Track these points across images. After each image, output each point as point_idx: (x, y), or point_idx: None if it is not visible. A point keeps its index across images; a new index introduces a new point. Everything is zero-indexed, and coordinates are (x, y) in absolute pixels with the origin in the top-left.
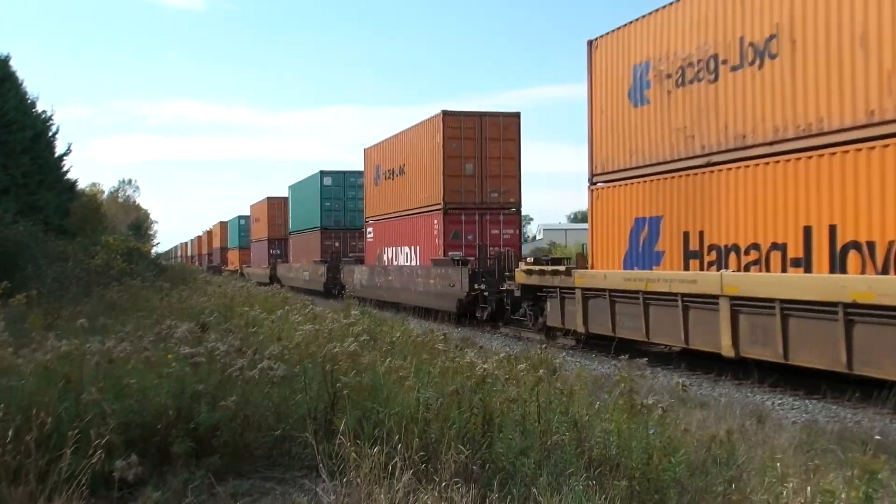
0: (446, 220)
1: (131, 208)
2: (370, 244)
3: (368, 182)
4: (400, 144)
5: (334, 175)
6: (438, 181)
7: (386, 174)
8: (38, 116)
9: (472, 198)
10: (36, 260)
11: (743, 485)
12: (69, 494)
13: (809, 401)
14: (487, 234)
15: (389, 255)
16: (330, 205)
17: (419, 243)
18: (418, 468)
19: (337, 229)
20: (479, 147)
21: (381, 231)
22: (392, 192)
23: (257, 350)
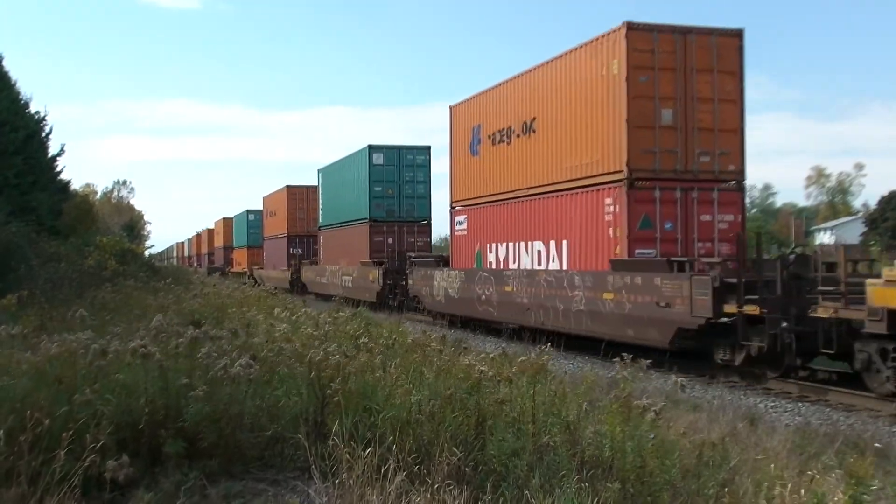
0: (632, 199)
1: (125, 209)
2: (461, 240)
3: (458, 153)
4: (524, 90)
5: (387, 151)
6: (616, 137)
7: (494, 137)
8: (32, 117)
9: (670, 163)
10: (28, 261)
11: (735, 487)
12: (61, 496)
13: (802, 404)
14: (695, 219)
15: (501, 254)
16: (381, 190)
17: (567, 236)
18: (411, 470)
19: (391, 222)
20: (681, 83)
21: (484, 220)
22: (508, 163)
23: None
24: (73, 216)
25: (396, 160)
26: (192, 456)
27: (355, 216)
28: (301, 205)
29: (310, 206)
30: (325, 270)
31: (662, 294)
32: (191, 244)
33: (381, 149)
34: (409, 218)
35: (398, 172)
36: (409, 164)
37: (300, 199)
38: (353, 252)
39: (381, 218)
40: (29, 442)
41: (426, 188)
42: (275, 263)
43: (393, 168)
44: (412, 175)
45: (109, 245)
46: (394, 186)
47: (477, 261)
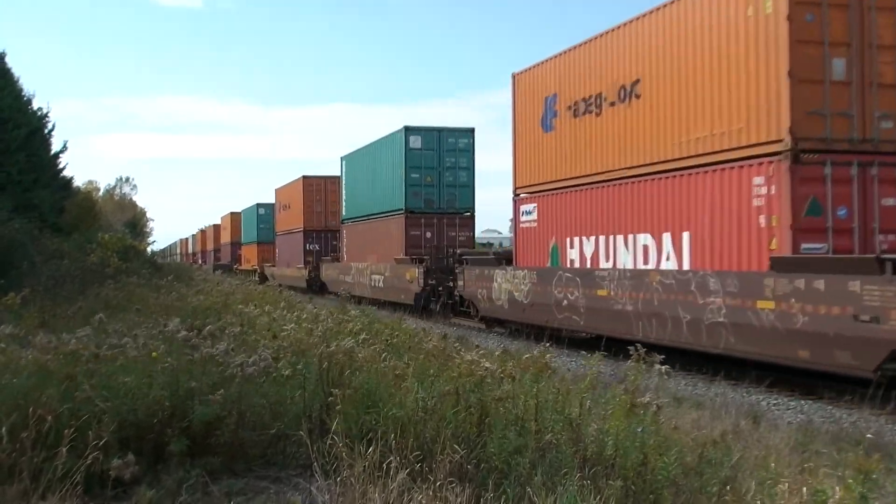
0: (796, 178)
1: (127, 206)
2: (529, 233)
3: (524, 129)
4: (621, 46)
5: (425, 134)
6: (770, 96)
7: (576, 108)
8: (34, 114)
9: (844, 129)
10: (31, 258)
11: (738, 485)
12: (63, 493)
13: (805, 401)
14: (875, 204)
15: (587, 249)
16: (419, 177)
17: (689, 226)
18: (413, 467)
19: (429, 213)
20: (856, 24)
21: (561, 209)
22: (597, 138)
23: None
24: (76, 213)
25: (436, 144)
26: (194, 453)
27: (388, 207)
28: (319, 196)
29: (328, 198)
30: (350, 268)
31: (864, 304)
32: (195, 240)
33: (418, 131)
34: (450, 209)
35: (438, 158)
36: (450, 148)
37: (318, 191)
38: (384, 248)
39: (418, 209)
40: (31, 439)
41: (469, 175)
42: (289, 261)
43: (432, 153)
44: (454, 160)
45: (112, 242)
46: (433, 173)
47: (552, 258)
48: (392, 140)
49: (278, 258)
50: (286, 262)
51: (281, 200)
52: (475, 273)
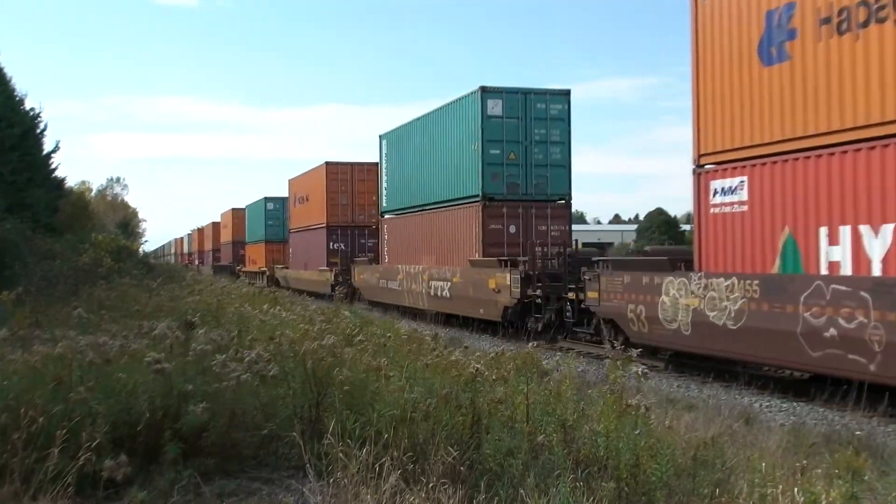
0: None
1: (119, 206)
2: (729, 222)
3: (725, 65)
4: None
5: (508, 97)
6: None
7: (840, 20)
8: (27, 113)
9: None
10: (24, 258)
11: (731, 487)
12: (55, 494)
13: (797, 403)
14: None
15: (870, 246)
16: (499, 154)
17: None
18: (406, 469)
19: (513, 201)
20: None
21: (803, 183)
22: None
23: (240, 348)
24: (69, 213)
25: (521, 109)
26: (187, 454)
27: (455, 194)
28: (344, 187)
29: (355, 189)
30: (396, 273)
31: None
32: (191, 240)
33: (498, 93)
34: (539, 196)
35: (524, 128)
36: (539, 115)
37: (343, 180)
38: (449, 246)
39: (499, 196)
40: (23, 440)
41: (564, 152)
42: (306, 262)
43: (516, 122)
44: (544, 132)
45: (105, 242)
46: (517, 149)
47: (784, 259)
48: (461, 106)
49: (292, 259)
50: (302, 264)
51: (296, 192)
52: (624, 282)
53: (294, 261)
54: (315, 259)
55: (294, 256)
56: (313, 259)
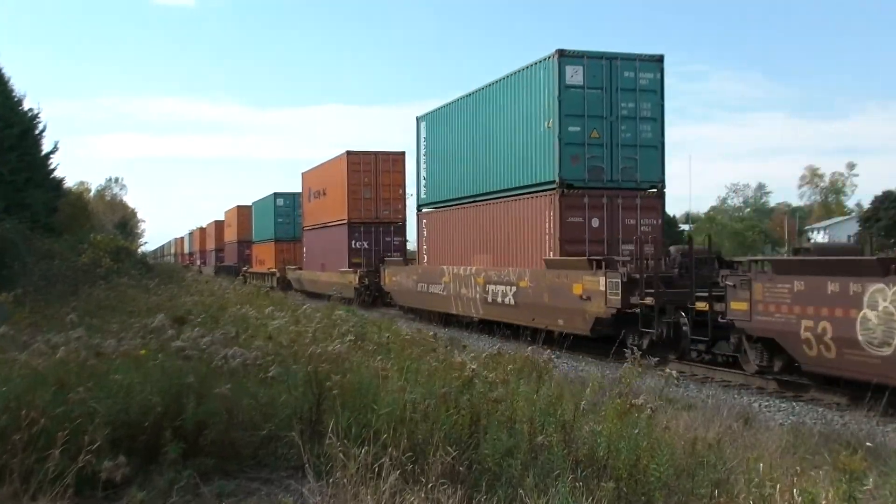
0: None
1: (118, 206)
2: None
3: None
4: None
5: (591, 63)
6: None
7: None
8: (25, 114)
9: None
10: (23, 258)
11: (730, 487)
12: (54, 494)
13: (797, 403)
14: None
15: None
16: (580, 132)
17: None
18: (405, 469)
19: (597, 189)
20: None
21: None
22: None
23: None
24: (68, 214)
25: (605, 78)
26: (186, 455)
27: (522, 181)
28: (368, 179)
29: (380, 181)
30: (440, 274)
31: None
32: (192, 239)
33: (579, 58)
34: (627, 182)
35: (609, 101)
36: (627, 85)
37: (366, 171)
38: (511, 244)
39: (579, 182)
40: (23, 441)
41: (657, 130)
42: (324, 262)
43: (599, 93)
44: (632, 106)
45: (104, 243)
46: (601, 126)
47: None
48: (531, 76)
49: (307, 259)
50: (319, 265)
51: (312, 186)
52: (795, 290)
53: (309, 261)
54: (334, 259)
55: (309, 256)
56: (332, 259)
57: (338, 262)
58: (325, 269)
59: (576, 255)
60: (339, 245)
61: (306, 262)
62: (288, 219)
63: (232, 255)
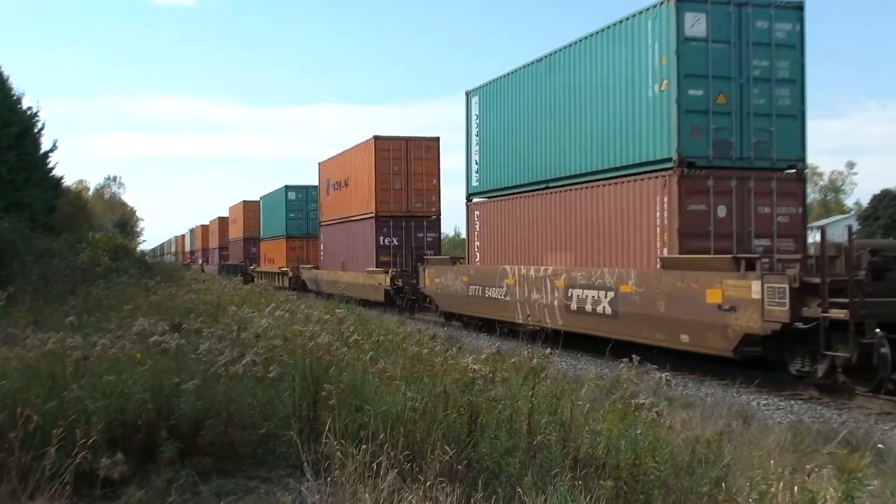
0: None
1: (117, 205)
2: None
3: None
4: None
5: (715, 8)
6: None
7: None
8: (24, 113)
9: None
10: (21, 257)
11: (729, 485)
12: (52, 493)
13: (795, 401)
14: None
15: None
16: (703, 96)
17: None
18: (403, 467)
19: (724, 168)
20: None
21: None
22: None
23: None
24: (67, 213)
25: (735, 31)
26: (184, 454)
27: (620, 160)
28: (398, 167)
29: (411, 170)
30: (501, 276)
31: None
32: (193, 237)
33: (702, 3)
34: (760, 161)
35: (738, 58)
36: (760, 39)
37: (396, 159)
38: (604, 238)
39: (701, 159)
40: (19, 439)
41: (796, 95)
42: (346, 261)
43: (725, 48)
44: (767, 64)
45: (102, 242)
46: (728, 89)
47: None
48: (637, 26)
49: (324, 257)
50: (339, 264)
51: (331, 177)
52: None
53: (327, 260)
54: (358, 257)
55: (327, 254)
56: (356, 258)
57: (363, 261)
58: (346, 269)
59: (698, 252)
60: (364, 242)
61: (324, 261)
62: (300, 214)
63: (237, 254)
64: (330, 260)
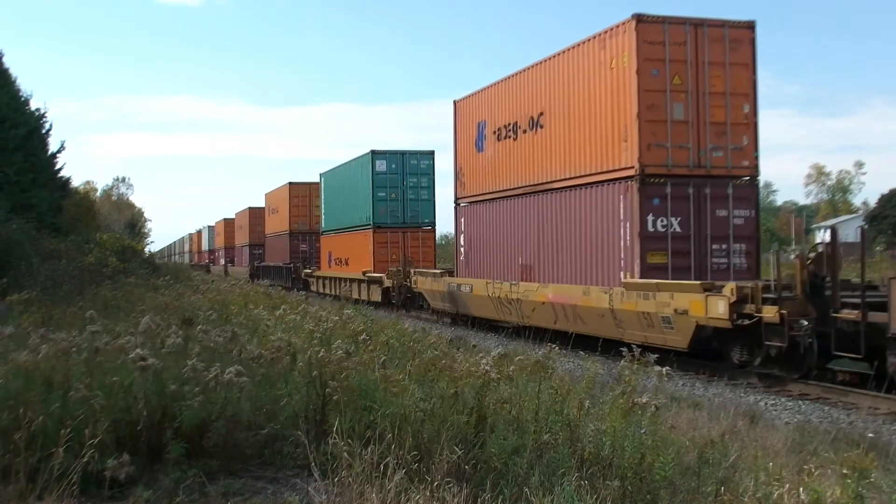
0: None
1: (125, 206)
2: None
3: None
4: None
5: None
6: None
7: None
8: (32, 114)
9: None
10: (29, 258)
11: (735, 485)
12: (60, 493)
13: (803, 402)
14: None
15: None
16: None
17: None
18: (410, 468)
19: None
20: None
21: None
22: None
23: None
24: (74, 214)
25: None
26: (191, 454)
27: None
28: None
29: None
30: None
31: None
32: (213, 234)
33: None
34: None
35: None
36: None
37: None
38: None
39: None
40: (26, 440)
41: None
42: (537, 265)
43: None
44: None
45: (110, 242)
46: None
47: None
48: None
49: (472, 261)
50: (517, 270)
51: (495, 118)
52: None
53: (476, 263)
54: (587, 258)
55: (476, 253)
56: (582, 258)
57: (603, 265)
58: (530, 279)
59: None
60: (603, 226)
61: (470, 264)
62: (396, 192)
63: (279, 252)
64: (482, 262)
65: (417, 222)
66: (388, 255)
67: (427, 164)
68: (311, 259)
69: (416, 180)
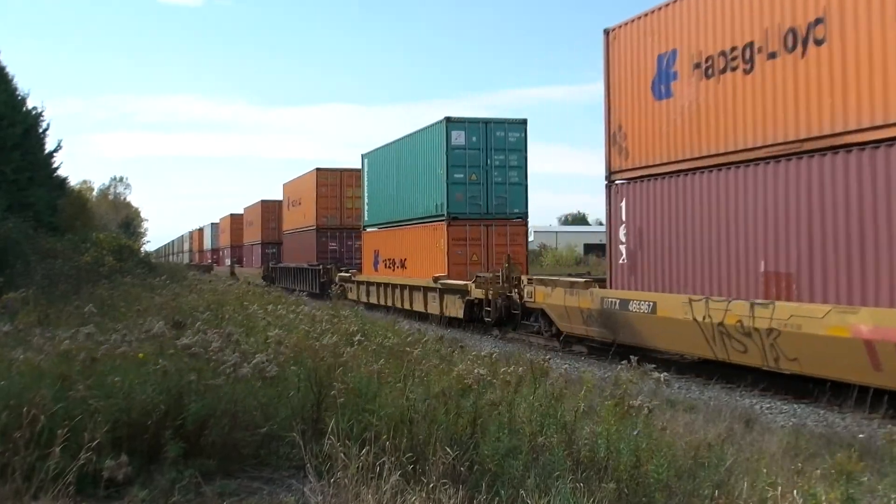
0: None
1: (122, 205)
2: None
3: None
4: None
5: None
6: None
7: None
8: (29, 112)
9: None
10: (25, 257)
11: (731, 488)
12: (55, 493)
13: (798, 405)
14: None
15: None
16: None
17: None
18: (406, 469)
19: None
20: None
21: None
22: None
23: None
24: (71, 213)
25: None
26: (187, 454)
27: None
28: None
29: None
30: None
31: None
32: (216, 231)
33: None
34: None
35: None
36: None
37: None
38: None
39: None
40: (24, 439)
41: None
42: None
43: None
44: (503, 157)
45: (107, 241)
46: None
47: None
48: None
49: (643, 265)
50: (763, 283)
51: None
52: None
53: (647, 268)
54: None
55: (649, 257)
56: None
57: None
58: None
59: None
60: None
61: (639, 271)
62: (476, 173)
63: (301, 251)
64: (667, 267)
65: (505, 213)
66: (466, 255)
67: (517, 138)
68: (343, 260)
69: (503, 157)
